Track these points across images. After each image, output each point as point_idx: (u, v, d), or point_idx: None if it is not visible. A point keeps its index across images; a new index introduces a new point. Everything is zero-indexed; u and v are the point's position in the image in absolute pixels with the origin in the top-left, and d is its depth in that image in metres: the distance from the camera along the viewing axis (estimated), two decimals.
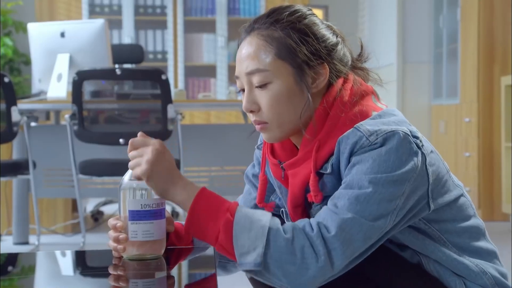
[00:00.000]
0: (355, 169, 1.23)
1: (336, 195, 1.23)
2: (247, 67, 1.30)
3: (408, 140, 1.24)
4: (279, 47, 1.29)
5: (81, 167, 3.53)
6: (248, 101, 1.32)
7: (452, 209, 1.34)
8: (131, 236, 1.26)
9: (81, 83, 3.39)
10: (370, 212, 1.20)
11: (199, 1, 6.46)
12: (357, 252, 1.20)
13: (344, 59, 1.35)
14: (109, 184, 4.05)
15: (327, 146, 1.29)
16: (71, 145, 3.50)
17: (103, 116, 3.61)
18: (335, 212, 1.21)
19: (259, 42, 1.30)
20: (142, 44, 6.32)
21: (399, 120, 1.29)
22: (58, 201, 4.18)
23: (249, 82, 1.31)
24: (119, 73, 3.40)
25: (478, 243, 1.36)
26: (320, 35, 1.32)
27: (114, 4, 6.42)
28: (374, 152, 1.22)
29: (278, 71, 1.29)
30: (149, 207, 1.26)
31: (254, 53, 1.30)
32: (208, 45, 6.48)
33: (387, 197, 1.21)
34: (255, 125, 1.34)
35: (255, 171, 1.51)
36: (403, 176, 1.22)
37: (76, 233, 4.13)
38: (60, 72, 3.77)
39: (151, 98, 3.57)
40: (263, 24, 1.31)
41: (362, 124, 1.26)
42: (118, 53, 4.75)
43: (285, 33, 1.29)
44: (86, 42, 3.82)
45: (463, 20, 4.98)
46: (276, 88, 1.29)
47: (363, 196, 1.20)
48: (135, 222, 1.25)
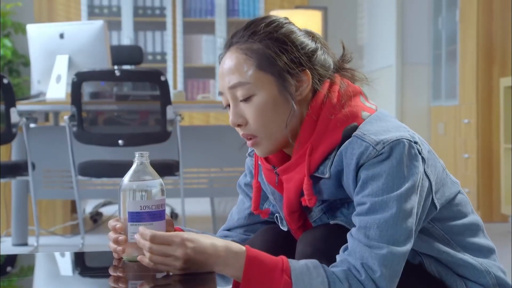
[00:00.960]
0: (370, 187, 1.24)
1: (363, 224, 1.24)
2: (230, 82, 1.31)
3: (412, 146, 1.26)
4: (259, 58, 1.29)
5: (80, 168, 3.52)
6: (234, 115, 1.32)
7: (452, 207, 1.36)
8: (130, 238, 1.26)
9: (80, 84, 3.39)
10: (401, 234, 1.22)
11: (198, 2, 6.47)
12: (399, 277, 1.23)
13: (325, 63, 1.35)
14: (108, 186, 4.04)
15: (320, 149, 1.29)
16: (70, 146, 3.49)
17: (102, 117, 3.61)
18: (369, 246, 1.22)
19: (239, 56, 1.30)
20: (141, 45, 6.32)
21: (397, 125, 1.30)
22: (57, 202, 4.18)
23: (233, 97, 1.32)
24: (118, 74, 3.40)
25: (479, 240, 1.38)
26: (298, 42, 1.32)
27: (113, 5, 6.42)
28: (386, 165, 1.24)
29: (261, 82, 1.30)
30: (149, 208, 1.25)
31: (235, 67, 1.30)
32: (207, 46, 6.48)
33: (409, 211, 1.23)
34: (245, 139, 1.34)
35: (247, 180, 1.51)
36: (414, 185, 1.24)
37: (75, 234, 4.13)
38: (59, 73, 3.77)
39: (150, 99, 3.56)
40: (241, 37, 1.32)
41: (364, 132, 1.27)
42: (117, 54, 4.75)
43: (263, 44, 1.30)
44: (85, 44, 3.82)
45: (462, 21, 4.98)
46: (261, 100, 1.30)
47: (391, 219, 1.22)
48: (134, 224, 1.25)
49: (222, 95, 1.35)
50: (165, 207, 1.29)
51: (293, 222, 1.39)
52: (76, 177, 3.53)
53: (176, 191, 3.63)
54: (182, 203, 3.59)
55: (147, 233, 1.20)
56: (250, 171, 1.50)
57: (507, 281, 1.37)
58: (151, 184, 1.27)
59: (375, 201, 1.23)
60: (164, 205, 1.29)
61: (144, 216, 1.25)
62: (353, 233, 1.25)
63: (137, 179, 1.27)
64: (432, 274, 1.33)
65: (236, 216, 1.53)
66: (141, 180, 1.26)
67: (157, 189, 1.27)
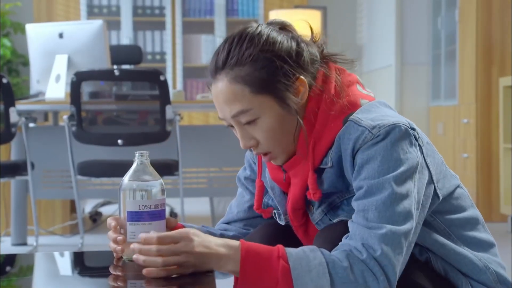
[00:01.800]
0: (366, 170, 1.24)
1: (361, 207, 1.24)
2: (231, 111, 1.29)
3: (408, 132, 1.26)
4: (252, 83, 1.27)
5: (79, 168, 3.52)
6: (244, 139, 1.31)
7: (452, 200, 1.36)
8: (129, 237, 1.25)
9: (79, 84, 3.38)
10: (399, 214, 1.22)
11: (197, 2, 6.47)
12: (402, 260, 1.22)
13: (313, 57, 1.33)
14: (108, 185, 4.04)
15: (323, 141, 1.30)
16: (69, 146, 3.49)
17: (101, 117, 3.61)
18: (369, 227, 1.22)
19: (232, 86, 1.27)
20: (140, 45, 6.32)
21: (396, 114, 1.31)
22: (57, 202, 4.18)
23: (237, 122, 1.30)
24: (117, 74, 3.40)
25: (479, 233, 1.38)
26: (284, 52, 1.29)
27: (112, 5, 6.42)
28: (380, 147, 1.24)
29: (261, 105, 1.28)
30: (148, 208, 1.25)
31: (232, 98, 1.27)
32: (206, 46, 6.47)
33: (405, 193, 1.23)
34: (261, 156, 1.33)
35: (247, 174, 1.51)
36: (410, 169, 1.24)
37: (74, 234, 4.13)
38: (58, 73, 3.76)
39: (150, 99, 3.56)
40: (227, 66, 1.27)
41: (361, 118, 1.27)
42: (116, 54, 4.75)
43: (252, 68, 1.26)
44: (85, 43, 3.81)
45: (462, 21, 4.98)
46: (267, 121, 1.29)
47: (388, 200, 1.22)
48: (133, 223, 1.25)
49: (223, 120, 1.33)
50: (165, 207, 1.29)
51: (296, 219, 1.39)
52: (75, 177, 3.53)
53: (176, 190, 3.63)
54: (182, 202, 3.59)
55: (153, 236, 1.17)
56: (250, 164, 1.50)
57: (507, 278, 1.37)
58: (151, 184, 1.26)
59: (371, 184, 1.23)
60: (164, 204, 1.28)
61: (144, 216, 1.25)
62: (353, 218, 1.25)
63: (137, 178, 1.26)
64: (438, 272, 1.34)
65: (236, 210, 1.52)
66: (141, 180, 1.26)
67: (157, 189, 1.27)
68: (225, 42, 1.31)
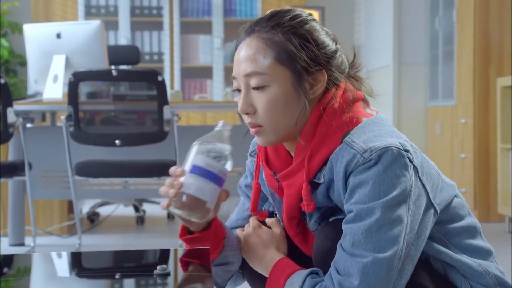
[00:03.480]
0: (357, 194, 1.24)
1: (349, 231, 1.24)
2: (245, 69, 1.29)
3: (401, 154, 1.24)
4: (279, 51, 1.27)
5: (77, 168, 3.52)
6: (244, 103, 1.31)
7: (449, 210, 1.35)
8: (185, 188, 1.25)
9: (77, 84, 3.38)
10: (386, 240, 1.21)
11: (195, 2, 6.46)
12: (386, 285, 1.22)
13: (341, 66, 1.34)
14: (105, 186, 4.04)
15: (319, 155, 1.29)
16: (67, 146, 3.49)
17: (99, 117, 3.60)
18: (352, 255, 1.22)
19: (259, 45, 1.29)
20: (138, 45, 6.31)
21: (389, 131, 1.28)
22: (54, 202, 4.17)
23: (246, 84, 1.30)
24: (115, 74, 3.40)
25: (477, 241, 1.38)
26: (320, 41, 1.30)
27: (110, 5, 6.41)
28: (372, 172, 1.23)
29: (277, 75, 1.28)
30: (213, 169, 1.25)
31: (253, 56, 1.28)
32: (204, 46, 6.47)
33: (395, 218, 1.22)
34: (249, 127, 1.33)
35: (248, 182, 1.51)
36: (402, 193, 1.23)
37: (72, 234, 4.12)
38: (56, 73, 3.76)
39: (147, 99, 3.56)
40: (264, 27, 1.30)
41: (354, 139, 1.26)
42: (114, 54, 4.75)
43: (286, 38, 1.28)
44: (82, 43, 3.81)
45: (459, 21, 4.99)
46: (274, 92, 1.28)
47: (374, 225, 1.22)
48: (194, 176, 1.25)
49: (234, 79, 1.33)
50: (226, 178, 1.29)
51: (291, 228, 1.39)
52: (73, 177, 3.53)
53: None
54: None
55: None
56: (251, 172, 1.49)
57: (506, 280, 1.37)
58: (224, 151, 1.28)
59: (361, 208, 1.23)
60: (226, 176, 1.29)
61: (206, 174, 1.25)
62: (341, 240, 1.26)
63: (214, 140, 1.28)
64: (438, 271, 1.34)
65: (235, 217, 1.53)
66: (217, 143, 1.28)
67: (226, 160, 1.28)
68: (271, 11, 1.34)
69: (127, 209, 4.97)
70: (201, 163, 1.25)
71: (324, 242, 1.29)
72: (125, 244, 4.00)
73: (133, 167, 3.50)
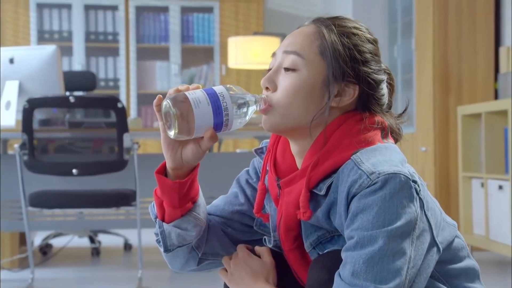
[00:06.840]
0: (360, 220, 1.17)
1: (349, 259, 1.16)
2: (288, 46, 1.28)
3: (409, 184, 1.18)
4: (327, 46, 1.26)
5: (30, 198, 3.36)
6: (269, 77, 1.28)
7: (450, 250, 1.30)
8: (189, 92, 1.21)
9: (31, 111, 3.24)
10: (388, 271, 1.14)
11: (152, 28, 6.37)
12: None
13: (381, 99, 1.30)
14: (59, 217, 3.88)
15: (325, 166, 1.23)
16: (20, 175, 3.33)
17: (54, 145, 3.46)
18: (352, 285, 1.15)
19: (314, 32, 1.28)
20: (93, 71, 6.17)
21: (400, 160, 1.23)
22: (4, 234, 3.98)
23: (281, 61, 1.28)
24: (72, 101, 3.27)
25: (474, 285, 1.32)
26: (372, 62, 1.29)
27: (64, 30, 6.27)
28: (378, 197, 1.16)
29: (312, 63, 1.25)
30: (223, 101, 1.21)
31: (302, 38, 1.28)
32: (161, 72, 6.37)
33: (398, 250, 1.15)
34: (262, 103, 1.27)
35: (249, 178, 1.43)
36: (407, 225, 1.17)
37: (23, 268, 3.94)
38: (8, 99, 3.61)
39: (105, 126, 3.43)
40: (329, 25, 1.29)
41: (363, 160, 1.20)
42: (69, 80, 4.61)
43: (340, 39, 1.27)
44: (37, 69, 3.68)
45: (418, 49, 5.01)
46: (301, 79, 1.25)
47: (377, 255, 1.14)
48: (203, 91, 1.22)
49: (273, 57, 1.31)
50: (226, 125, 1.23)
51: (287, 242, 1.32)
52: (26, 208, 3.37)
53: (133, 221, 3.49)
54: (139, 233, 3.45)
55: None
56: (255, 171, 1.44)
57: None
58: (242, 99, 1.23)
59: (363, 235, 1.16)
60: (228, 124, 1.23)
61: (215, 100, 1.20)
62: (340, 269, 1.18)
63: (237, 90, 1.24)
64: None
65: (222, 206, 1.44)
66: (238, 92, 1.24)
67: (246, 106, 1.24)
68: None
69: (82, 240, 4.80)
70: (218, 90, 1.22)
71: (321, 273, 1.21)
72: (80, 277, 3.83)
73: (90, 197, 3.36)
